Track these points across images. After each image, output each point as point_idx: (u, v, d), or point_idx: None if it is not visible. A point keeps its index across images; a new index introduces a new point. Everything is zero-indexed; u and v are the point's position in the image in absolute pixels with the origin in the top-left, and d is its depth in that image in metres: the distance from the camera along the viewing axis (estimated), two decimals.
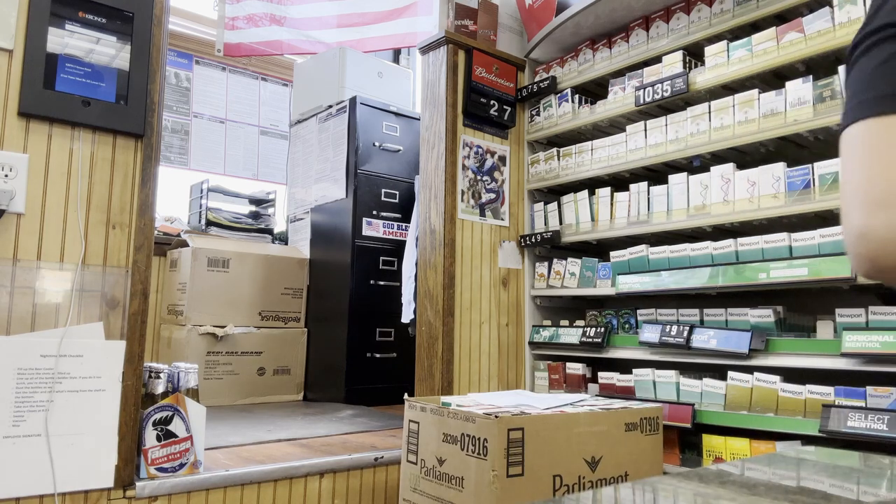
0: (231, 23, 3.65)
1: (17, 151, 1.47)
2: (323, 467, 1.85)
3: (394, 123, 3.45)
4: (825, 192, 1.73)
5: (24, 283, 1.46)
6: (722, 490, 0.42)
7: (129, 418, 1.54)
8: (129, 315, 1.57)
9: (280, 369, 3.32)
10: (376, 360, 3.24)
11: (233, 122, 4.13)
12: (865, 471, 0.48)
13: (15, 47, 1.48)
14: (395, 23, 3.87)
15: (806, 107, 1.79)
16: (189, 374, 1.71)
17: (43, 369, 1.45)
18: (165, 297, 3.33)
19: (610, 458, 1.64)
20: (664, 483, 0.44)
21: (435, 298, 2.39)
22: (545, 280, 2.56)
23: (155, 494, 1.57)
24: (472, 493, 1.50)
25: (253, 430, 2.33)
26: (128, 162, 1.61)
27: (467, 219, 2.48)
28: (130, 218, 1.60)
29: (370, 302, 3.24)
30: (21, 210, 1.46)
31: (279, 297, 3.39)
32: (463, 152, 2.50)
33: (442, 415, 1.61)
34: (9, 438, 1.40)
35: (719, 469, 0.48)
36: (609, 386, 2.25)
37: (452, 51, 2.49)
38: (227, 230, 3.53)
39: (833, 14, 1.74)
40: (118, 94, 1.59)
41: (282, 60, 4.27)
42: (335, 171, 3.40)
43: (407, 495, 1.71)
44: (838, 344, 1.63)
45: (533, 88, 2.62)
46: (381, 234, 3.33)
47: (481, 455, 1.48)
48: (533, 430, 1.51)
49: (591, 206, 2.40)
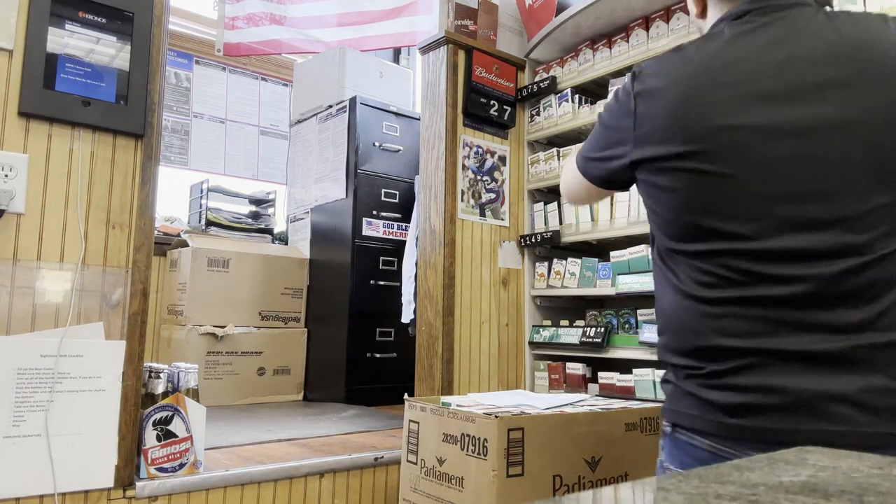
0: (231, 23, 3.65)
1: (17, 151, 1.47)
2: (323, 467, 1.85)
3: (394, 123, 3.45)
4: None
5: (24, 283, 1.46)
6: (722, 490, 0.42)
7: (129, 418, 1.55)
8: (129, 315, 1.57)
9: (280, 369, 3.32)
10: (376, 360, 3.24)
11: (233, 122, 4.13)
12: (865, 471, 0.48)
13: (15, 47, 1.48)
14: (394, 22, 3.87)
15: None
16: (189, 374, 1.71)
17: (43, 369, 1.45)
18: (165, 297, 3.33)
19: (610, 458, 1.64)
20: (664, 483, 0.44)
21: (435, 298, 2.39)
22: (545, 280, 2.56)
23: (155, 494, 1.57)
24: (472, 493, 1.50)
25: (253, 430, 2.33)
26: (128, 162, 1.61)
27: (467, 219, 2.48)
28: (130, 218, 1.60)
29: (370, 302, 3.24)
30: (21, 210, 1.46)
31: (279, 297, 3.39)
32: (463, 152, 2.50)
33: (442, 415, 1.61)
34: (9, 438, 1.40)
35: (719, 469, 0.48)
36: (609, 386, 2.26)
37: (452, 51, 2.49)
38: (227, 230, 3.53)
39: None
40: (118, 94, 1.59)
41: (282, 60, 4.27)
42: (335, 171, 3.40)
43: (407, 495, 1.71)
44: None
45: (533, 88, 2.62)
46: (381, 234, 3.33)
47: (481, 455, 1.48)
48: (533, 430, 1.51)
49: (591, 206, 2.40)
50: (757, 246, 0.94)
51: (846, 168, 0.91)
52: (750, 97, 0.95)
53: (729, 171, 0.95)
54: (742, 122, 0.95)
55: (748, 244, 0.94)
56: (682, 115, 0.99)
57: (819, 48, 0.94)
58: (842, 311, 0.90)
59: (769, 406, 0.91)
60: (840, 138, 0.92)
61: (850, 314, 0.90)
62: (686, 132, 0.98)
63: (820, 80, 0.93)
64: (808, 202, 0.92)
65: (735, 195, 0.95)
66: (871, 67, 0.92)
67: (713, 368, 0.96)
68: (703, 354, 0.98)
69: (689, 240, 1.00)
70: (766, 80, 0.95)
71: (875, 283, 0.91)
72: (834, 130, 0.92)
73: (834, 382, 0.89)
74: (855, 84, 0.92)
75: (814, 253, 0.91)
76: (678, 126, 0.99)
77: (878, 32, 0.95)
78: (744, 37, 0.99)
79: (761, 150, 0.94)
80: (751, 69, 0.96)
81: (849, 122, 0.91)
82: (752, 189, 0.94)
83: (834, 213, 0.91)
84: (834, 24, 0.96)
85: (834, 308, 0.91)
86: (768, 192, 0.93)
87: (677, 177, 1.00)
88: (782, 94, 0.94)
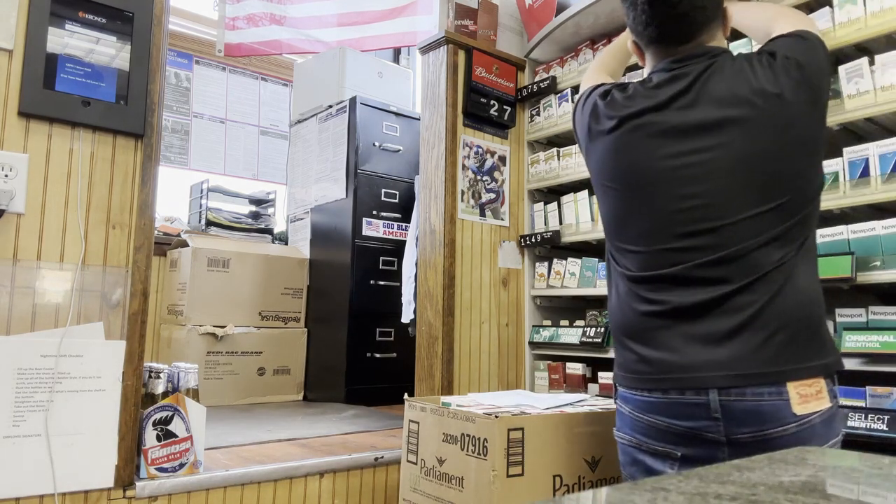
0: (231, 23, 3.65)
1: (17, 151, 1.47)
2: (323, 467, 1.85)
3: (394, 123, 3.45)
4: (825, 193, 1.73)
5: (24, 283, 1.46)
6: (722, 490, 0.42)
7: (129, 418, 1.55)
8: (129, 315, 1.57)
9: (280, 369, 3.32)
10: (376, 360, 3.24)
11: (233, 122, 4.13)
12: (865, 471, 0.48)
13: (15, 47, 1.48)
14: (394, 21, 3.87)
15: None
16: (189, 374, 1.71)
17: (43, 369, 1.45)
18: (165, 297, 3.33)
19: (610, 458, 1.64)
20: (664, 483, 0.44)
21: (435, 298, 2.39)
22: (545, 280, 2.56)
23: (155, 494, 1.57)
24: (472, 493, 1.50)
25: (253, 430, 2.33)
26: (128, 162, 1.61)
27: (467, 219, 2.48)
28: (130, 218, 1.60)
29: (370, 302, 3.24)
30: (21, 210, 1.46)
31: (279, 297, 3.39)
32: (463, 152, 2.50)
33: (442, 415, 1.61)
34: (9, 438, 1.40)
35: (719, 469, 0.48)
36: (609, 386, 2.25)
37: (452, 51, 2.49)
38: (227, 230, 3.53)
39: (833, 14, 1.74)
40: (118, 94, 1.59)
41: (282, 60, 4.27)
42: (335, 171, 3.40)
43: (407, 495, 1.71)
44: (838, 344, 1.63)
45: (533, 88, 2.62)
46: (381, 234, 3.33)
47: (481, 455, 1.48)
48: (533, 430, 1.51)
49: (591, 206, 2.40)
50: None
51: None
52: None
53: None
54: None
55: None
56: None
57: (721, 92, 1.19)
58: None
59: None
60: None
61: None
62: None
63: (720, 118, 1.19)
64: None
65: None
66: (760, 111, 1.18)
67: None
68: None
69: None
70: (676, 118, 1.23)
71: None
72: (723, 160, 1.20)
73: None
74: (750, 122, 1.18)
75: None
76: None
77: (764, 79, 1.18)
78: (661, 86, 1.26)
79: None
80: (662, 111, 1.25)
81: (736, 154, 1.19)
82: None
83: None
84: (739, 71, 1.20)
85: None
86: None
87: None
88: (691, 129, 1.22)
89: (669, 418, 1.19)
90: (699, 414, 1.15)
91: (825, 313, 1.23)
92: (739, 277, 1.16)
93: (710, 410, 1.14)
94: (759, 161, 1.16)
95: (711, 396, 1.14)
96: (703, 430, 1.16)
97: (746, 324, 1.15)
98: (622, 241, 1.33)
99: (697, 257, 1.19)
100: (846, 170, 1.69)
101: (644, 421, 1.24)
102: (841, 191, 1.69)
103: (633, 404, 1.26)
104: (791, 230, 1.17)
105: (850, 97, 1.68)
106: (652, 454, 1.23)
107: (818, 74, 1.19)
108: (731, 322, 1.16)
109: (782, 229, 1.16)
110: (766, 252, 1.16)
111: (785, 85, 1.16)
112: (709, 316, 1.17)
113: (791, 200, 1.17)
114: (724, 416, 1.14)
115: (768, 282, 1.15)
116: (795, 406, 1.11)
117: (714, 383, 1.14)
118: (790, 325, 1.15)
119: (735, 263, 1.16)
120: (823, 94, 1.21)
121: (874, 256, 1.61)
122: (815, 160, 1.21)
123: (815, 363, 1.15)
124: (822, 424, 1.12)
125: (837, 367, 1.19)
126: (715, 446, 1.16)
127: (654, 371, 1.21)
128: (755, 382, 1.12)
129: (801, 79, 1.17)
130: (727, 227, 1.17)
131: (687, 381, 1.16)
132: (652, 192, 1.23)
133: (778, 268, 1.16)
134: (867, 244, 1.63)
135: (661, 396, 1.20)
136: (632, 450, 1.28)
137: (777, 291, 1.15)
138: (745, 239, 1.16)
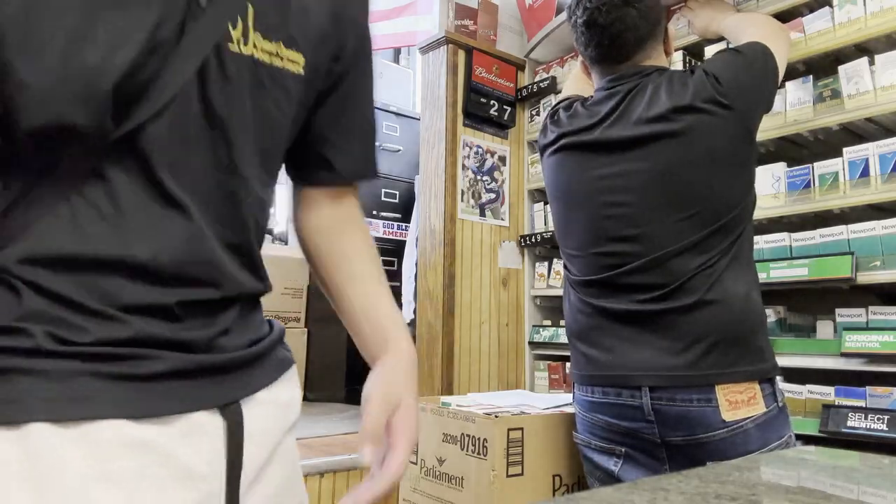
0: None
1: None
2: (323, 467, 1.85)
3: (394, 123, 3.46)
4: (825, 192, 1.73)
5: None
6: (722, 490, 0.42)
7: None
8: None
9: None
10: None
11: None
12: (865, 471, 0.48)
13: None
14: (394, 22, 3.87)
15: (806, 107, 1.78)
16: None
17: None
18: None
19: None
20: (664, 483, 0.44)
21: (435, 298, 2.39)
22: (545, 280, 2.56)
23: None
24: (472, 492, 1.50)
25: None
26: None
27: (467, 219, 2.48)
28: None
29: None
30: None
31: (279, 297, 3.38)
32: (463, 152, 2.50)
33: (442, 415, 1.62)
34: None
35: (719, 469, 0.48)
36: None
37: (452, 51, 2.49)
38: None
39: (833, 14, 1.74)
40: None
41: None
42: None
43: (407, 495, 1.71)
44: (838, 344, 1.63)
45: (533, 88, 2.62)
46: (381, 234, 3.33)
47: (481, 455, 1.48)
48: (533, 430, 1.51)
49: None
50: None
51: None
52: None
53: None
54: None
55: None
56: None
57: (639, 111, 1.28)
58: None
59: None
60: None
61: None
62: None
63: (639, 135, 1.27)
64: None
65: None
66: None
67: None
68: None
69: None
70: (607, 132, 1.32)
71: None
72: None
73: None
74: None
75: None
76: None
77: (678, 96, 1.26)
78: (597, 104, 1.36)
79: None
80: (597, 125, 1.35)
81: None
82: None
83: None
84: (656, 90, 1.27)
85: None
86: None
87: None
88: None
89: (611, 417, 1.28)
90: (636, 416, 1.24)
91: (762, 320, 1.28)
92: (661, 284, 1.22)
93: (644, 413, 1.22)
94: (669, 175, 1.25)
95: (644, 400, 1.21)
96: (640, 431, 1.24)
97: (668, 328, 1.21)
98: (567, 248, 1.42)
99: (624, 263, 1.26)
100: (846, 170, 1.69)
101: (590, 420, 1.34)
102: (841, 191, 1.69)
103: (582, 405, 1.36)
104: (710, 238, 1.22)
105: (850, 97, 1.68)
106: (598, 451, 1.33)
107: (737, 89, 1.24)
108: (655, 327, 1.23)
109: (700, 237, 1.22)
110: (684, 259, 1.21)
111: (697, 101, 1.23)
112: (635, 322, 1.25)
113: (706, 209, 1.22)
114: (658, 419, 1.21)
115: (688, 289, 1.21)
116: (725, 413, 1.16)
117: (643, 382, 1.21)
118: (715, 330, 1.19)
119: (656, 271, 1.23)
120: (745, 107, 1.25)
121: (874, 256, 1.61)
122: (732, 171, 1.26)
123: (746, 368, 1.19)
124: (757, 429, 1.17)
125: (774, 372, 1.24)
126: (653, 446, 1.24)
127: (594, 368, 1.30)
128: (681, 384, 1.18)
129: (717, 94, 1.23)
130: (648, 234, 1.24)
131: (618, 379, 1.25)
132: (585, 202, 1.35)
133: (697, 275, 1.20)
134: (867, 244, 1.63)
135: (602, 397, 1.29)
136: (584, 448, 1.38)
137: (699, 298, 1.20)
138: (665, 246, 1.22)
